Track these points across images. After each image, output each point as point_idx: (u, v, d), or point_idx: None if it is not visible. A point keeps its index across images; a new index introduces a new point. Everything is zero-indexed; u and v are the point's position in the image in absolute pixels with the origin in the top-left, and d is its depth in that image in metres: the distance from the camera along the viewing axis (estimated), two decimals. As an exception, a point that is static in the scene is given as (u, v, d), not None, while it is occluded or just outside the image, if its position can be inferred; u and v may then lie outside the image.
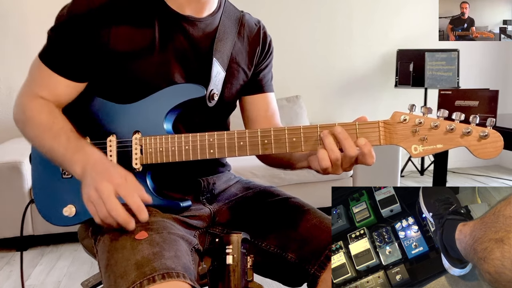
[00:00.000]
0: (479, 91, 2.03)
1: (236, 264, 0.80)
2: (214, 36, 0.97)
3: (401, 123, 0.79)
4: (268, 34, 1.09)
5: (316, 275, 0.89)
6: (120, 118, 0.92)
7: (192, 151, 0.87)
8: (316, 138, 0.82)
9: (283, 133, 0.84)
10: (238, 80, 1.04)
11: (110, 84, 0.94)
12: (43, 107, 0.91)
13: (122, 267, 0.76)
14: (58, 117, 0.91)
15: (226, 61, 0.99)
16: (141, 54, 0.91)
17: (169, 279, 0.72)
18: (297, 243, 0.93)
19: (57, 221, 0.94)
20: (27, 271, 2.13)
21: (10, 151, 2.38)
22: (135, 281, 0.72)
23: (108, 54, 0.90)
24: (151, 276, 0.72)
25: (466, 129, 0.76)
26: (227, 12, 1.01)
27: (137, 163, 0.90)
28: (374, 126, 0.80)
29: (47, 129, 0.89)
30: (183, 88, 0.92)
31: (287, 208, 1.01)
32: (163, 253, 0.77)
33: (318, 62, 3.51)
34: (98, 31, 0.89)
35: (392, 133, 0.80)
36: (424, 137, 0.78)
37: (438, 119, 0.78)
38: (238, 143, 0.85)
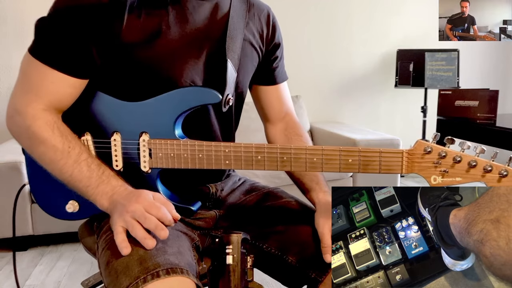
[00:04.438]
0: (479, 91, 2.04)
1: (236, 264, 0.80)
2: (224, 27, 0.91)
3: (424, 154, 0.79)
4: (277, 20, 1.06)
5: (316, 280, 0.89)
6: (126, 117, 0.86)
7: (207, 160, 0.85)
8: (337, 161, 0.81)
9: (303, 152, 0.83)
10: (252, 62, 1.00)
11: (117, 79, 0.86)
12: (54, 128, 0.82)
13: (124, 262, 0.74)
14: (72, 140, 0.83)
15: (237, 60, 0.94)
16: (152, 44, 0.84)
17: (173, 274, 0.71)
18: (298, 247, 0.92)
19: (62, 216, 0.91)
20: (27, 271, 2.13)
21: (10, 151, 2.37)
22: (138, 276, 0.70)
23: (118, 45, 0.82)
24: (155, 271, 0.70)
25: (487, 166, 0.76)
26: None
27: (146, 166, 0.87)
28: (398, 156, 0.80)
29: (64, 155, 0.82)
30: (198, 92, 0.86)
31: (289, 210, 1.00)
32: (166, 249, 0.76)
33: (318, 62, 3.51)
34: (109, 22, 0.80)
35: (414, 162, 0.80)
36: (445, 170, 0.78)
37: (461, 153, 0.77)
38: (256, 157, 0.84)
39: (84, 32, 0.80)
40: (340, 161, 0.82)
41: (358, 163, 0.81)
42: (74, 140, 0.84)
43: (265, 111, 1.10)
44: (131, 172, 0.88)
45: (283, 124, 1.10)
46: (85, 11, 0.79)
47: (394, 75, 3.49)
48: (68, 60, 0.81)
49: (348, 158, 0.81)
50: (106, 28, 0.80)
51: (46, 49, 0.81)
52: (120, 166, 0.88)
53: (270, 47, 1.04)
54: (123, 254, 0.75)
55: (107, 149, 0.88)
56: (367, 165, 0.81)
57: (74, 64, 0.81)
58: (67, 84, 0.82)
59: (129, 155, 0.87)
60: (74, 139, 0.84)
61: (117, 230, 0.77)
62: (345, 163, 0.82)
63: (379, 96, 3.69)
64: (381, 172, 0.81)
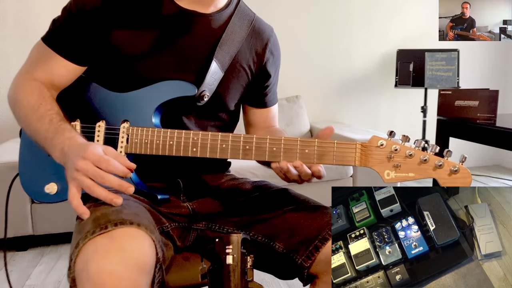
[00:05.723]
0: (479, 91, 2.03)
1: (236, 264, 0.80)
2: (220, 36, 0.97)
3: (378, 147, 0.82)
4: (278, 46, 1.09)
5: (303, 266, 0.87)
6: (112, 106, 0.95)
7: (176, 147, 0.90)
8: (295, 151, 0.85)
9: (264, 141, 0.86)
10: (240, 82, 1.03)
11: (108, 73, 0.95)
12: (34, 88, 0.92)
13: (82, 225, 0.77)
14: (47, 99, 0.91)
15: (228, 61, 0.98)
16: (144, 51, 0.93)
17: (120, 225, 0.72)
18: (287, 233, 0.91)
19: (38, 197, 0.96)
20: (27, 271, 2.13)
21: (10, 151, 2.37)
22: (88, 230, 0.73)
23: (112, 48, 0.92)
24: (104, 225, 0.72)
25: (438, 162, 0.79)
26: (240, 13, 1.00)
27: (122, 151, 0.92)
28: (351, 147, 0.83)
29: (34, 110, 0.89)
30: (175, 85, 0.94)
31: (277, 198, 1.00)
32: (122, 210, 0.77)
33: (318, 62, 3.51)
34: (104, 26, 0.91)
35: (368, 156, 0.83)
36: (398, 164, 0.81)
37: (413, 148, 0.80)
38: (221, 145, 0.88)
39: (82, 31, 0.92)
40: (298, 151, 0.85)
41: (314, 154, 0.84)
42: (50, 100, 0.91)
43: (251, 127, 1.16)
44: None
45: (264, 130, 1.14)
46: (81, 15, 0.91)
47: (394, 75, 3.49)
48: (68, 47, 0.93)
49: (305, 149, 0.85)
50: (98, 31, 0.92)
51: (53, 37, 0.94)
52: None
53: (261, 74, 1.07)
54: (83, 219, 0.77)
55: (92, 134, 0.94)
56: (323, 155, 0.84)
57: (72, 50, 0.94)
58: (64, 66, 0.94)
59: (109, 141, 0.94)
60: (50, 100, 0.91)
61: (71, 192, 0.78)
62: (302, 153, 0.85)
63: (379, 96, 3.69)
64: (335, 163, 0.84)
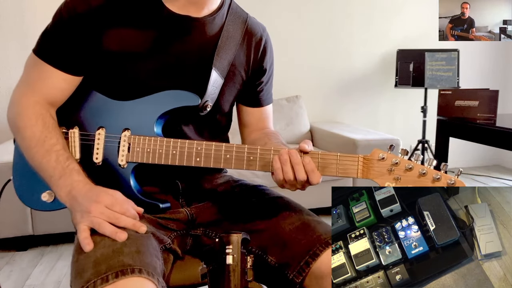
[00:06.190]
0: (479, 91, 2.04)
1: (236, 264, 0.80)
2: (216, 42, 0.96)
3: (379, 160, 0.85)
4: (271, 44, 1.08)
5: (294, 282, 0.86)
6: (112, 113, 0.93)
7: (179, 157, 0.90)
8: (269, 161, 0.87)
9: (268, 153, 0.88)
10: (235, 84, 1.03)
11: (105, 80, 0.93)
12: (38, 117, 0.90)
13: (82, 264, 0.76)
14: (52, 130, 0.90)
15: (226, 67, 0.98)
16: (138, 56, 0.91)
17: (122, 276, 0.71)
18: (279, 246, 0.91)
19: (35, 206, 0.96)
20: (27, 271, 2.13)
21: (10, 151, 2.37)
22: (89, 279, 0.71)
23: (105, 53, 0.90)
24: (105, 275, 0.71)
25: (436, 175, 0.82)
26: (233, 15, 1.00)
27: (123, 160, 0.92)
28: (354, 160, 0.85)
29: (39, 144, 0.88)
30: (178, 95, 0.93)
31: (272, 208, 0.99)
32: (123, 249, 0.76)
33: (318, 62, 3.51)
34: (95, 31, 0.89)
35: (369, 168, 0.85)
36: (398, 176, 0.84)
37: (413, 162, 0.83)
38: (225, 155, 0.89)
39: (74, 37, 0.89)
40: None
41: (317, 166, 0.85)
42: (54, 131, 0.90)
43: (245, 128, 1.14)
44: (108, 166, 0.92)
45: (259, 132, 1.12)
46: (74, 20, 0.89)
47: (394, 75, 3.49)
48: (61, 58, 0.90)
49: None
50: (92, 36, 0.89)
51: (46, 50, 0.91)
52: (100, 159, 0.93)
53: (255, 71, 1.06)
54: (86, 250, 0.77)
55: (91, 142, 0.93)
56: (325, 167, 0.86)
57: (66, 61, 0.90)
58: (60, 78, 0.91)
59: (109, 149, 0.93)
60: (55, 131, 0.90)
61: (81, 229, 0.80)
62: None
63: (379, 96, 3.69)
64: (338, 175, 0.86)
